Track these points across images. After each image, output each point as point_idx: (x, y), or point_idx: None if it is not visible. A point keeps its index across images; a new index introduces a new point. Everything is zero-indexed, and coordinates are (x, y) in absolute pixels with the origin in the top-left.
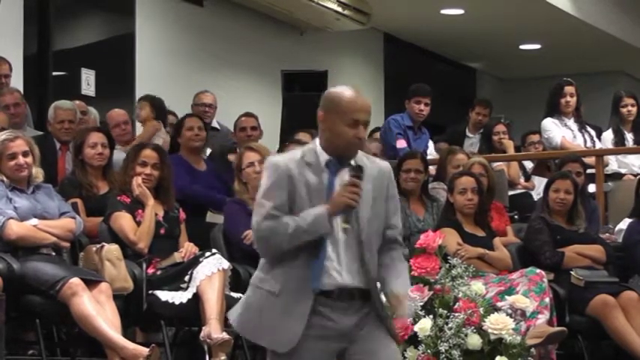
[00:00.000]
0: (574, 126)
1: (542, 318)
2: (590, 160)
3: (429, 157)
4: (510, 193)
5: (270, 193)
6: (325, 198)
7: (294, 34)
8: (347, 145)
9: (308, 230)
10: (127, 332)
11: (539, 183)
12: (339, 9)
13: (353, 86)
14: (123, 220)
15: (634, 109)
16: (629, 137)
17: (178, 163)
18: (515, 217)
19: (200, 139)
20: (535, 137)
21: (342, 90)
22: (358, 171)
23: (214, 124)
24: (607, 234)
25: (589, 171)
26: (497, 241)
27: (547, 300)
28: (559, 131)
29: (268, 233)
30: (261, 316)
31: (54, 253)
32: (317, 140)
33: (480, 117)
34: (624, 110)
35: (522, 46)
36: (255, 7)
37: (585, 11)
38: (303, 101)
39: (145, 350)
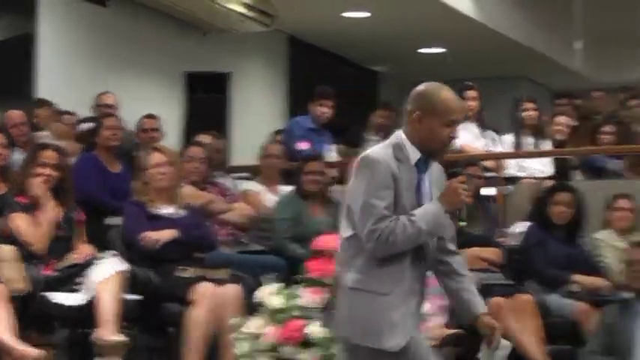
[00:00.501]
0: (475, 129)
1: (439, 320)
2: (490, 163)
3: (331, 160)
4: None
5: (380, 193)
6: (416, 197)
7: (198, 35)
8: (441, 145)
9: (428, 231)
10: (24, 334)
11: None
12: (244, 10)
13: (440, 83)
14: (20, 221)
15: (534, 114)
16: (529, 141)
17: (92, 164)
18: None
19: (118, 139)
20: None
21: (437, 89)
22: (456, 167)
23: None
24: (504, 237)
25: (488, 174)
26: None
27: (442, 302)
28: (460, 134)
29: (387, 234)
30: (369, 318)
31: None
32: (402, 136)
33: (382, 120)
34: (524, 114)
35: (426, 50)
36: (159, 8)
37: (489, 16)
38: (206, 103)
39: (34, 352)
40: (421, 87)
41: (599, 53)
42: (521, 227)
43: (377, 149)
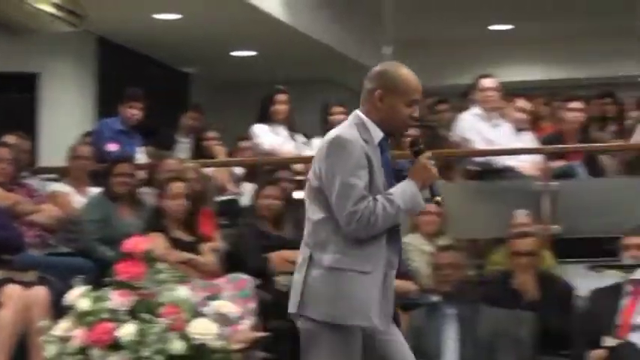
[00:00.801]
0: (284, 133)
1: (247, 323)
2: (300, 167)
3: (140, 162)
4: (219, 198)
5: (357, 173)
6: (385, 177)
7: (6, 34)
8: (403, 124)
9: (406, 209)
10: None
11: (249, 189)
12: (53, 10)
13: (401, 64)
14: None
15: (343, 118)
16: None
17: None
18: (224, 222)
19: None
20: (246, 143)
21: (398, 68)
22: (418, 144)
23: None
24: None
25: (298, 177)
26: (204, 246)
27: (251, 305)
28: (269, 138)
29: (368, 216)
30: (355, 297)
31: None
32: (362, 116)
33: (192, 122)
34: (334, 118)
35: (237, 53)
36: None
37: (299, 20)
38: (15, 103)
39: None
40: (381, 66)
41: (408, 58)
42: None
43: (344, 130)
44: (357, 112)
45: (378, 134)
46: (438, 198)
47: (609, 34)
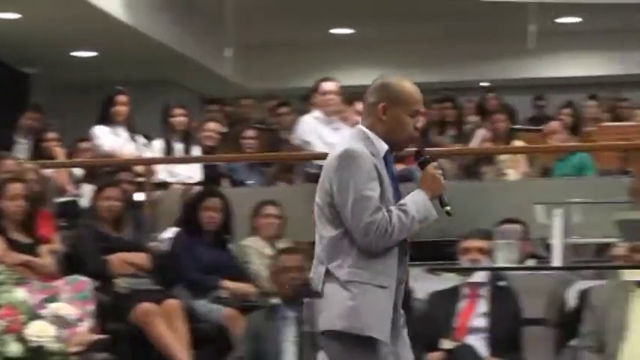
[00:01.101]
0: (125, 134)
1: (85, 325)
2: (140, 168)
3: None
4: (59, 200)
5: (370, 185)
6: (392, 189)
7: None
8: (409, 136)
9: (419, 219)
10: None
11: (88, 190)
12: None
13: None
14: None
15: (183, 119)
16: (179, 147)
17: None
18: (63, 224)
19: None
20: (86, 144)
21: (399, 80)
22: (424, 155)
23: None
24: (154, 242)
25: (138, 179)
26: (43, 248)
27: (90, 308)
28: (109, 139)
29: (385, 226)
30: (375, 310)
31: None
32: (365, 130)
33: (31, 122)
34: (174, 120)
35: (77, 53)
36: None
37: (139, 20)
38: None
39: None
40: (382, 79)
41: (250, 61)
42: (172, 233)
43: (352, 144)
44: (360, 126)
45: (382, 147)
46: (448, 207)
47: (450, 39)
